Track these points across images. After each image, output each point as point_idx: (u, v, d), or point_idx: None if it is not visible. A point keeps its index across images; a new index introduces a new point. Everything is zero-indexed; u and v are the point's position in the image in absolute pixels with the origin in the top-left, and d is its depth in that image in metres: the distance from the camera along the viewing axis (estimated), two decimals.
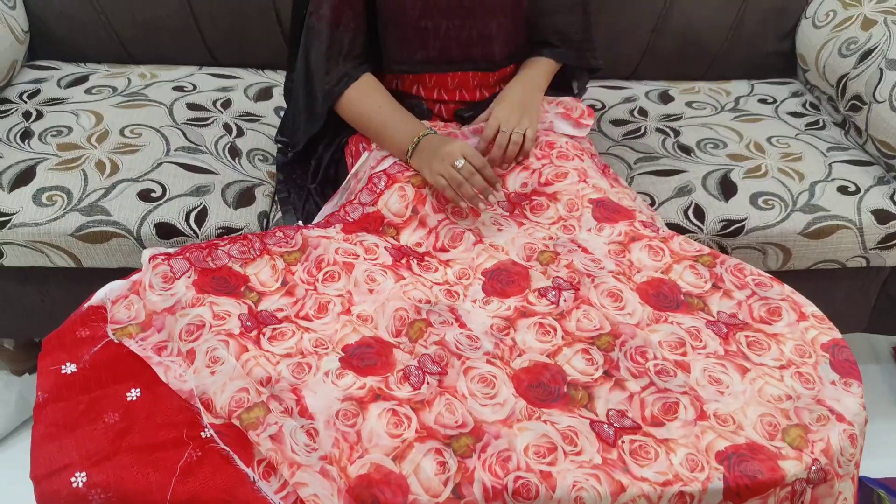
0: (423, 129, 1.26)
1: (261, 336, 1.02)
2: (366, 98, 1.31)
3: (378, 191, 1.25)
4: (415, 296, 1.11)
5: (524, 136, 1.28)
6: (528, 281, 1.15)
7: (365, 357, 1.01)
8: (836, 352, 1.05)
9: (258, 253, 1.13)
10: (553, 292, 1.12)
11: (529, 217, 1.26)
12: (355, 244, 1.17)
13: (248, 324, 1.03)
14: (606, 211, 1.24)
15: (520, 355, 1.04)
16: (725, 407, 0.98)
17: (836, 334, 1.08)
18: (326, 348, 1.02)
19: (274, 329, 1.03)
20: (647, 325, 1.08)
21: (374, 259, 1.16)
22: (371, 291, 1.11)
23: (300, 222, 1.27)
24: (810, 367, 1.03)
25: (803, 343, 1.06)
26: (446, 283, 1.15)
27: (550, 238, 1.22)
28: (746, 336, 1.07)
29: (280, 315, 1.06)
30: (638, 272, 1.16)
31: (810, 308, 1.11)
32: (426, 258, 1.20)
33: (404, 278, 1.13)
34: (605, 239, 1.21)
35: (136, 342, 1.00)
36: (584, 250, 1.19)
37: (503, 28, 1.33)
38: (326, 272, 1.13)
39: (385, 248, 1.18)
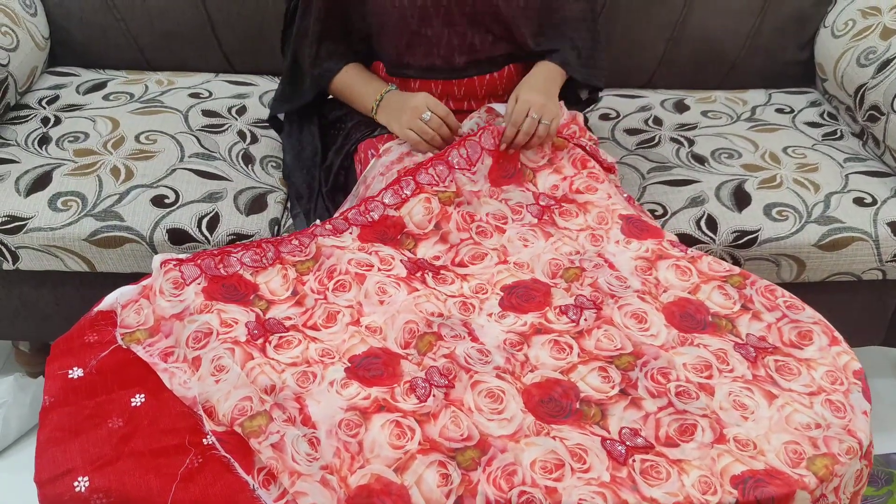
0: (385, 87, 1.34)
1: (266, 344, 1.02)
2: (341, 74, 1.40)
3: (403, 196, 1.22)
4: (427, 308, 1.08)
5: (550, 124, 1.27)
6: (549, 298, 1.12)
7: (371, 368, 1.00)
8: (865, 381, 1.02)
9: (270, 262, 1.13)
10: (574, 310, 1.09)
11: (558, 223, 1.23)
12: (371, 253, 1.15)
13: (255, 331, 1.03)
14: (635, 228, 1.22)
15: (531, 371, 1.01)
16: (747, 432, 0.94)
17: (857, 364, 1.05)
18: (332, 358, 1.01)
19: (280, 337, 1.03)
20: (672, 347, 1.05)
21: (389, 270, 1.14)
22: (382, 303, 1.09)
23: (317, 220, 1.26)
24: (841, 395, 0.99)
25: (835, 369, 1.02)
26: (461, 297, 1.12)
27: (577, 252, 1.19)
28: (776, 360, 1.03)
29: (287, 323, 1.06)
30: (665, 291, 1.13)
31: (837, 334, 1.08)
32: (442, 272, 1.16)
33: (417, 290, 1.11)
34: (632, 254, 1.18)
35: (144, 348, 1.01)
36: (611, 266, 1.16)
37: (508, 35, 1.33)
38: (338, 281, 1.12)
39: (401, 260, 1.16)
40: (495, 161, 1.26)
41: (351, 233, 1.19)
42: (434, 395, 0.96)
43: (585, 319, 1.08)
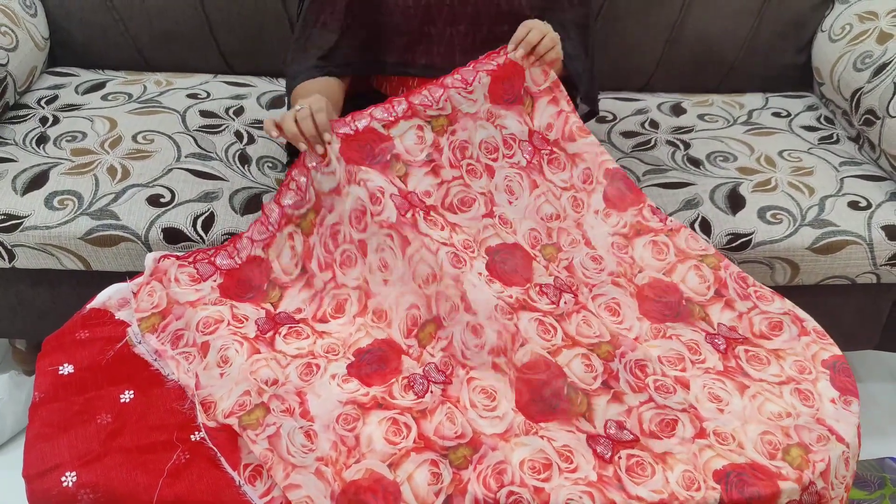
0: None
1: (276, 336, 1.03)
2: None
3: (395, 115, 1.18)
4: (422, 273, 1.08)
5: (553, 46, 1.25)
6: (530, 272, 1.13)
7: (374, 362, 1.02)
8: (837, 368, 1.03)
9: (276, 227, 1.12)
10: (554, 291, 1.10)
11: (546, 172, 1.22)
12: (360, 183, 1.11)
13: (265, 326, 1.04)
14: (618, 191, 1.22)
15: (522, 345, 1.02)
16: (724, 426, 0.96)
17: (837, 350, 1.06)
18: (337, 354, 1.02)
19: (290, 328, 1.04)
20: (646, 340, 1.07)
21: (380, 213, 1.10)
22: (385, 282, 1.10)
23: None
24: (810, 384, 1.01)
25: (803, 359, 1.04)
26: (452, 247, 1.10)
27: (557, 217, 1.19)
28: (746, 350, 1.06)
29: (298, 317, 1.07)
30: (640, 272, 1.14)
31: (811, 323, 1.09)
32: (433, 213, 1.14)
33: (410, 242, 1.09)
34: (609, 229, 1.19)
35: (157, 336, 1.02)
36: (588, 243, 1.17)
37: (509, 35, 1.34)
38: (344, 252, 1.11)
39: (392, 195, 1.12)
40: (495, 80, 1.23)
41: (329, 143, 1.12)
42: (431, 392, 0.98)
43: (565, 303, 1.10)
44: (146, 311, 1.04)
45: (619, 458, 0.92)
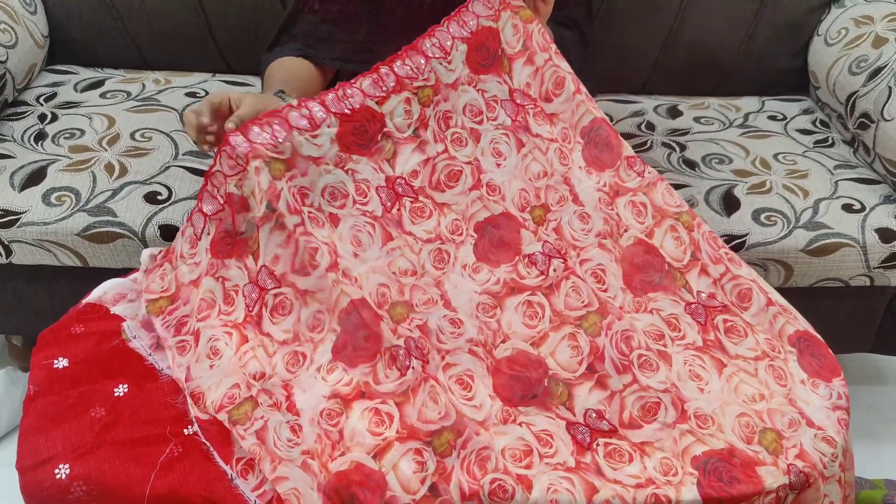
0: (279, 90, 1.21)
1: (263, 309, 1.02)
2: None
3: (386, 90, 1.15)
4: (400, 266, 1.07)
5: None
6: (519, 242, 1.13)
7: (356, 332, 0.99)
8: (803, 346, 1.05)
9: (244, 160, 1.03)
10: (543, 259, 1.11)
11: (531, 127, 1.21)
12: (347, 171, 1.09)
13: (252, 296, 1.03)
14: (594, 153, 1.22)
15: (503, 341, 1.03)
16: (705, 406, 0.98)
17: (801, 324, 1.08)
18: (322, 330, 1.01)
19: (275, 296, 1.03)
20: (629, 312, 1.08)
21: (364, 203, 1.09)
22: (356, 255, 1.06)
23: (292, 100, 1.14)
24: (781, 362, 1.03)
25: (771, 337, 1.06)
26: (438, 240, 1.10)
27: (545, 175, 1.19)
28: (725, 320, 1.08)
29: (277, 271, 1.03)
30: (626, 230, 1.16)
31: (775, 295, 1.11)
32: (421, 198, 1.14)
33: (392, 238, 1.09)
34: (593, 183, 1.20)
35: (163, 319, 1.03)
36: (575, 199, 1.18)
37: None
38: (310, 213, 1.06)
39: (378, 186, 1.11)
40: (471, 47, 1.21)
41: (329, 126, 1.10)
42: (413, 368, 0.97)
43: (555, 270, 1.10)
44: (155, 293, 1.04)
45: (598, 445, 0.94)
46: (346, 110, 1.11)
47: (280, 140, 1.05)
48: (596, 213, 1.17)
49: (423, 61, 1.17)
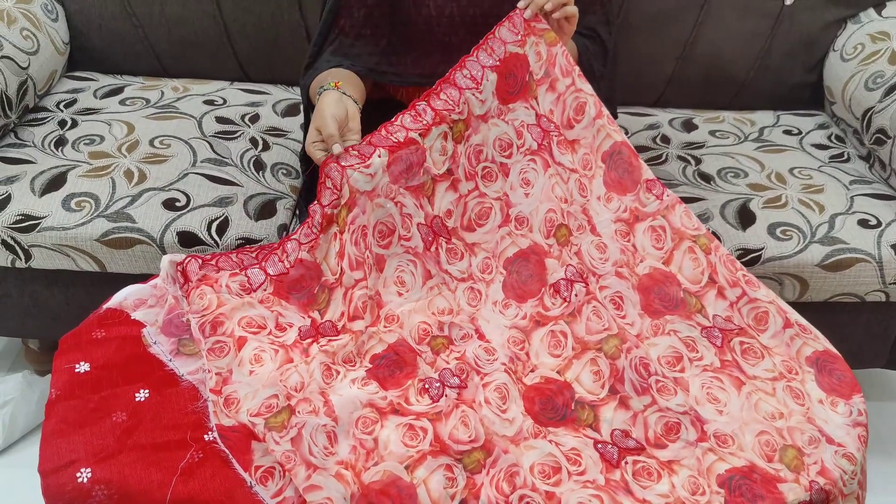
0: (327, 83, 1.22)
1: (314, 343, 1.05)
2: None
3: (425, 124, 1.18)
4: (439, 305, 1.14)
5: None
6: (544, 274, 1.16)
7: (390, 366, 1.04)
8: (821, 366, 1.06)
9: (319, 228, 1.12)
10: (566, 285, 1.14)
11: (555, 154, 1.24)
12: (396, 204, 1.14)
13: (307, 333, 1.06)
14: (616, 176, 1.24)
15: (532, 371, 1.07)
16: (724, 427, 0.99)
17: (821, 344, 1.09)
18: (354, 364, 1.05)
19: (330, 340, 1.06)
20: (646, 338, 1.09)
21: (408, 239, 1.15)
22: (399, 294, 1.13)
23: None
24: (799, 384, 1.04)
25: (789, 359, 1.07)
26: (470, 279, 1.16)
27: (566, 200, 1.21)
28: (741, 343, 1.09)
29: (340, 325, 1.09)
30: (641, 261, 1.17)
31: (794, 315, 1.11)
32: (454, 240, 1.19)
33: (431, 276, 1.15)
34: (612, 214, 1.22)
35: (200, 317, 1.04)
36: (593, 230, 1.20)
37: None
38: (366, 256, 1.13)
39: (418, 223, 1.16)
40: (500, 76, 1.23)
41: (380, 156, 1.13)
42: (447, 395, 1.01)
43: (576, 295, 1.14)
44: (199, 312, 1.05)
45: (626, 462, 0.94)
46: (394, 142, 1.15)
47: (339, 190, 1.11)
48: (613, 244, 1.19)
49: (457, 94, 1.20)
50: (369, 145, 1.15)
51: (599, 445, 0.97)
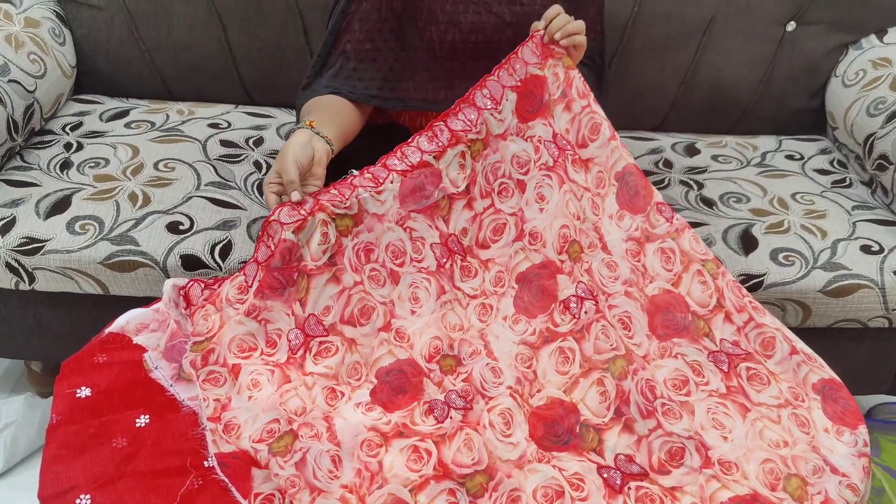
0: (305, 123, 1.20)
1: (307, 353, 1.05)
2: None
3: (441, 145, 1.19)
4: (451, 321, 1.14)
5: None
6: (555, 289, 1.16)
7: (396, 384, 1.04)
8: (827, 394, 1.06)
9: (309, 211, 1.09)
10: (576, 302, 1.14)
11: (569, 171, 1.24)
12: (406, 230, 1.15)
13: (296, 341, 1.06)
14: (628, 195, 1.25)
15: (538, 391, 1.07)
16: (729, 453, 0.99)
17: (827, 373, 1.08)
18: (360, 378, 1.04)
19: (321, 343, 1.06)
20: (653, 359, 1.09)
21: (420, 260, 1.16)
22: (413, 312, 1.13)
23: (354, 171, 1.18)
24: (805, 411, 1.04)
25: (795, 386, 1.07)
26: (482, 295, 1.17)
27: (578, 218, 1.22)
28: (748, 368, 1.09)
29: (327, 321, 1.08)
30: (651, 282, 1.18)
31: (800, 344, 1.11)
32: (468, 257, 1.20)
33: (445, 292, 1.15)
34: (623, 234, 1.22)
35: (200, 358, 1.04)
36: (604, 247, 1.21)
37: None
38: (372, 270, 1.13)
39: (432, 243, 1.17)
40: (520, 96, 1.25)
41: (392, 181, 1.14)
42: (451, 417, 1.01)
43: (586, 312, 1.13)
44: (202, 334, 1.05)
45: (629, 488, 0.94)
46: (407, 166, 1.16)
47: (346, 196, 1.11)
48: (623, 263, 1.19)
49: (475, 115, 1.21)
50: (384, 168, 1.15)
51: (603, 470, 0.96)
